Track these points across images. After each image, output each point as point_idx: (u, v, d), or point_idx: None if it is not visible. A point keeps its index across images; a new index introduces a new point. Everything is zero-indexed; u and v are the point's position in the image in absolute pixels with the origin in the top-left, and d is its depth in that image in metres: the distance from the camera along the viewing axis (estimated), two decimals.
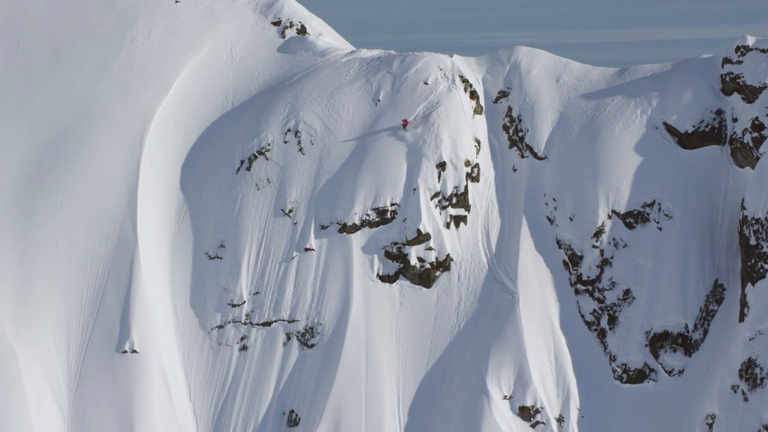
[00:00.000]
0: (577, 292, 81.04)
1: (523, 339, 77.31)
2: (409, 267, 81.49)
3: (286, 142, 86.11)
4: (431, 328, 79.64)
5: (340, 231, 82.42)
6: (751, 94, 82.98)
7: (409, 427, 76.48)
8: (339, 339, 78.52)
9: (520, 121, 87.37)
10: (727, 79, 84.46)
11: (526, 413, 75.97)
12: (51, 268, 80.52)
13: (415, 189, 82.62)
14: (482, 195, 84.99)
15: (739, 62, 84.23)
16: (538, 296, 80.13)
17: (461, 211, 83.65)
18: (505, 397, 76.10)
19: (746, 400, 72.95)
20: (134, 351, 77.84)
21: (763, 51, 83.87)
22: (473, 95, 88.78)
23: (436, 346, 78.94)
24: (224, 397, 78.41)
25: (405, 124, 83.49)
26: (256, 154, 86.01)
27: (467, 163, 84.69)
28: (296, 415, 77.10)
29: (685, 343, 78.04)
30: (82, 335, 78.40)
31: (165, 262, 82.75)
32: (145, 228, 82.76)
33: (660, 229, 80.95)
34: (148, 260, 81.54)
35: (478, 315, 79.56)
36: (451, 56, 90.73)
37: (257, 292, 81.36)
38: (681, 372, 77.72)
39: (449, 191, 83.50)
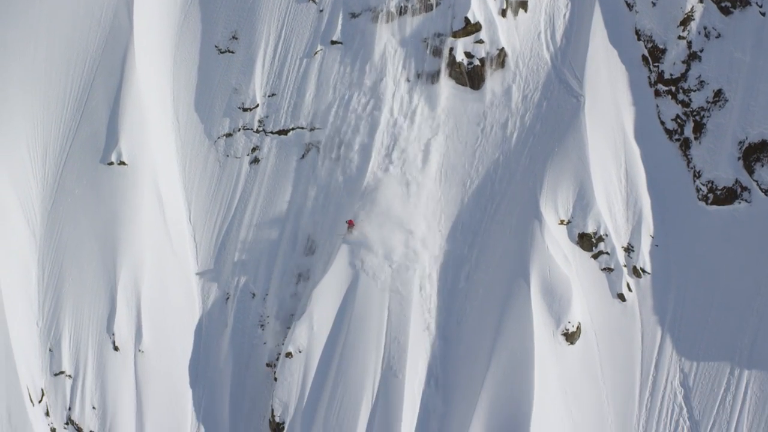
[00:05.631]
0: (657, 93, 70.62)
1: (587, 151, 67.69)
2: (455, 64, 71.45)
3: None
4: (478, 138, 70.65)
5: (374, 20, 73.00)
6: None
7: (447, 257, 68.03)
8: (367, 150, 70.11)
9: None
10: None
11: (586, 241, 66.66)
12: (29, 63, 72.58)
13: None
14: None
15: None
16: (609, 99, 69.97)
17: None
18: (561, 222, 66.82)
19: None
20: (122, 162, 70.02)
21: None
22: None
23: (482, 160, 70.28)
24: (230, 220, 71.40)
25: (350, 224, 69.76)
26: None
27: None
28: (313, 241, 69.29)
29: None
30: (61, 143, 71.04)
31: (166, 57, 74.70)
32: (144, 14, 74.28)
33: (763, 14, 69.32)
34: (146, 53, 73.25)
35: (534, 122, 70.38)
36: None
37: (273, 94, 73.46)
38: None
39: None
